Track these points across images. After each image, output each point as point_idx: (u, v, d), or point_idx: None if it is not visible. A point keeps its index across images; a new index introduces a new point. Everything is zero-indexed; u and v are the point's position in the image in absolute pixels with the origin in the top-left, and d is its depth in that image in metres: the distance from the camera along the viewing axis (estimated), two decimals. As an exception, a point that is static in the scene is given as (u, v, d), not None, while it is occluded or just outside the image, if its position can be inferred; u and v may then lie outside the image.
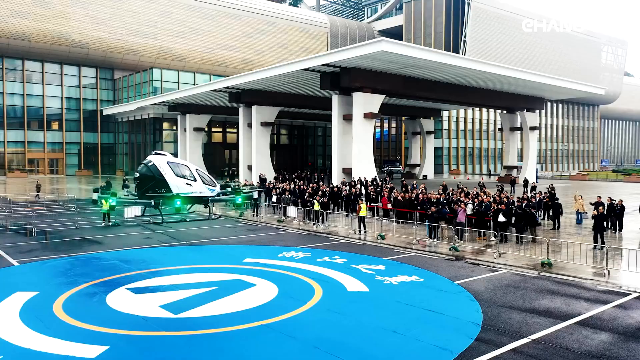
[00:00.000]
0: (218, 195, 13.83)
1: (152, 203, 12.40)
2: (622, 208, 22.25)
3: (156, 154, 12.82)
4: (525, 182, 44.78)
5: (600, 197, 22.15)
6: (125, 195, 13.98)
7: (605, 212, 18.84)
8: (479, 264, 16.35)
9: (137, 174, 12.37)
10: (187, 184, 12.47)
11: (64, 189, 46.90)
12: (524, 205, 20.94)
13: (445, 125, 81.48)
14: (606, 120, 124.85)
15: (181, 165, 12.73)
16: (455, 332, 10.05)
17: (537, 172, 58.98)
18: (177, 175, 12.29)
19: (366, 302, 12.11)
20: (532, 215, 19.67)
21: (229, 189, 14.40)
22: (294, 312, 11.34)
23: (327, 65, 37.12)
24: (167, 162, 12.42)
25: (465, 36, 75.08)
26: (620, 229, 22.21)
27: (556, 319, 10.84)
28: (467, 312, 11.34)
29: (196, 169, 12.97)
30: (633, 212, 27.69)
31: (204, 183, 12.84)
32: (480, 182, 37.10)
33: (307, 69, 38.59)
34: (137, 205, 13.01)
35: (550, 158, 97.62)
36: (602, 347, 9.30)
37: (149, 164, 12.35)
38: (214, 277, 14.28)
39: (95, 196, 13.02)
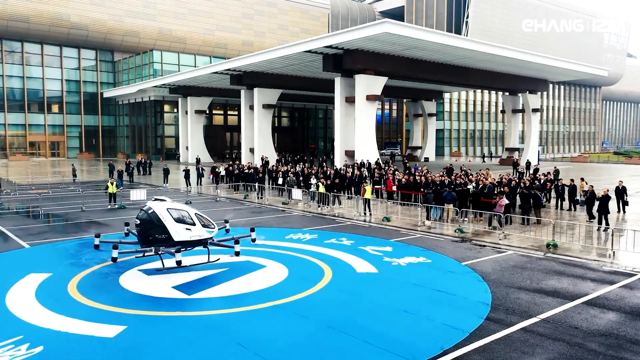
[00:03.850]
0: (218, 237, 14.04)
1: (153, 250, 12.58)
2: (607, 197, 18.90)
3: (155, 199, 12.92)
4: (528, 164, 44.95)
5: (621, 182, 22.31)
6: (125, 233, 14.10)
7: (609, 195, 18.91)
8: (484, 246, 16.52)
9: (138, 220, 12.49)
10: (187, 229, 12.60)
11: (66, 172, 46.92)
12: (527, 186, 21.04)
13: (446, 108, 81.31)
14: (608, 102, 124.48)
15: (180, 210, 12.83)
16: (465, 312, 10.22)
17: (538, 154, 59.02)
18: (176, 221, 12.43)
19: (376, 283, 12.28)
20: (537, 196, 19.77)
21: (228, 233, 14.52)
22: (305, 292, 11.50)
23: (330, 47, 36.92)
24: (167, 209, 12.51)
25: (467, 17, 74.48)
26: (607, 221, 18.83)
27: (564, 299, 11.02)
28: (476, 292, 11.51)
29: (195, 213, 13.06)
30: (636, 194, 27.91)
31: (203, 226, 12.98)
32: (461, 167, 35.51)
33: (309, 51, 38.39)
34: (137, 252, 13.15)
35: (551, 140, 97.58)
36: (610, 326, 9.48)
37: (149, 211, 12.44)
38: (223, 258, 14.40)
39: (97, 241, 13.08)
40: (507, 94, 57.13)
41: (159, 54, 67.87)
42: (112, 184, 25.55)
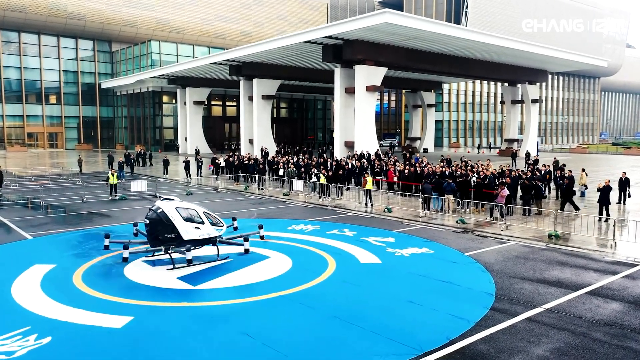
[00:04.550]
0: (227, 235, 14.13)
1: (162, 249, 12.64)
2: (608, 188, 18.59)
3: (164, 199, 12.97)
4: (527, 155, 44.92)
5: (625, 173, 22.32)
6: (134, 233, 14.14)
7: (610, 186, 18.95)
8: (486, 236, 16.57)
9: (147, 220, 12.54)
10: (196, 227, 12.66)
11: (65, 163, 46.86)
12: (529, 177, 21.07)
13: (445, 98, 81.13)
14: (606, 93, 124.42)
15: (189, 209, 12.89)
16: (470, 302, 10.27)
17: (537, 145, 59.10)
18: (185, 220, 12.51)
19: (380, 274, 12.32)
20: (539, 187, 19.81)
21: (236, 231, 14.55)
22: (310, 283, 11.54)
23: (330, 37, 36.77)
24: (176, 208, 12.58)
25: (466, 7, 74.19)
26: (607, 212, 18.67)
27: (567, 289, 11.08)
28: (480, 282, 11.56)
29: (204, 212, 13.10)
30: (635, 185, 28.01)
31: (211, 224, 13.03)
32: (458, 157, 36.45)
33: (309, 41, 38.22)
34: (148, 251, 13.21)
35: (550, 131, 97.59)
36: (614, 316, 9.55)
37: (158, 211, 12.51)
38: (227, 249, 14.42)
39: (107, 241, 13.16)
40: (507, 84, 57.05)
41: (157, 45, 67.54)
42: (112, 175, 25.51)
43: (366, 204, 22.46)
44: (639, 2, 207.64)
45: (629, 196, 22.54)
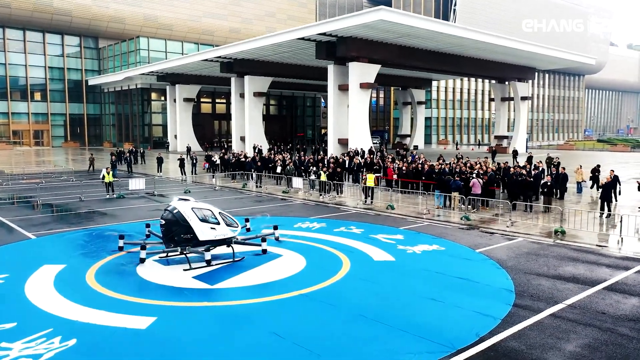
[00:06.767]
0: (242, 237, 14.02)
1: (179, 250, 12.50)
2: (610, 185, 19.60)
3: (180, 199, 12.84)
4: (515, 153, 44.77)
5: (613, 171, 22.52)
6: (146, 235, 13.96)
7: (612, 181, 19.21)
8: (493, 233, 16.66)
9: (163, 221, 12.37)
10: (212, 228, 12.55)
11: (52, 161, 46.09)
12: (532, 173, 21.26)
13: (434, 96, 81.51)
14: (589, 90, 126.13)
15: (204, 209, 12.78)
16: (491, 299, 10.29)
17: (527, 142, 59.67)
18: (201, 221, 12.40)
19: (396, 271, 12.30)
20: (551, 185, 20.03)
21: (249, 232, 14.45)
22: (328, 281, 11.47)
23: (324, 34, 36.72)
24: (192, 208, 12.47)
25: (455, 5, 74.57)
26: (609, 207, 19.64)
27: (584, 285, 11.18)
28: (498, 279, 11.61)
29: (219, 212, 12.99)
30: (629, 181, 28.40)
31: (227, 225, 12.93)
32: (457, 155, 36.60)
33: (302, 38, 38.12)
34: (164, 252, 13.02)
35: (536, 128, 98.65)
36: (636, 311, 9.64)
37: (174, 211, 12.39)
38: (237, 247, 14.28)
39: (121, 243, 12.98)
40: (496, 82, 57.48)
41: (146, 41, 66.74)
42: (108, 173, 25.13)
43: (366, 201, 22.44)
44: (621, 1, 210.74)
45: (619, 193, 22.81)
